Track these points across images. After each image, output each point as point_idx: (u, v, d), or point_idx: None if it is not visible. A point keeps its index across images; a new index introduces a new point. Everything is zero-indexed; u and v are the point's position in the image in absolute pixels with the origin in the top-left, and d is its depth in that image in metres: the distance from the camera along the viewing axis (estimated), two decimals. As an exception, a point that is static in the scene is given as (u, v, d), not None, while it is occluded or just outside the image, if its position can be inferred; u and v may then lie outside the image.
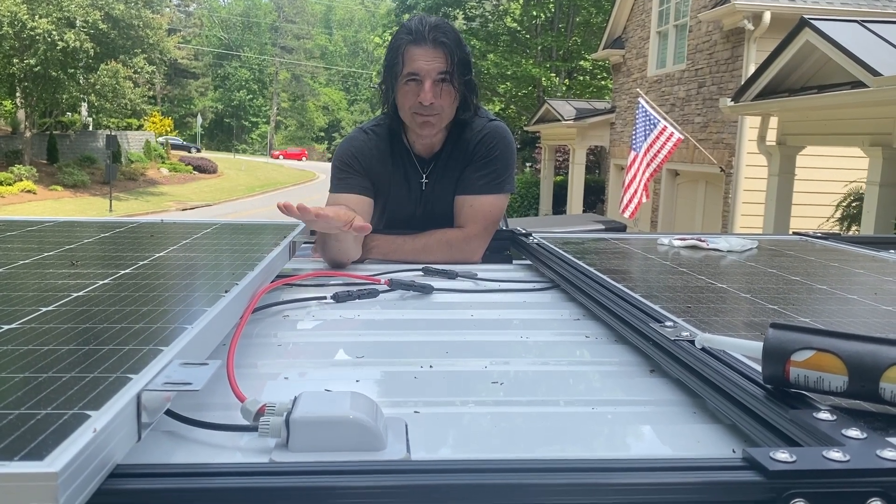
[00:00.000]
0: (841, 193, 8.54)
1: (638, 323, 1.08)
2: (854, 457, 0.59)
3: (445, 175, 2.07)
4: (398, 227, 2.12)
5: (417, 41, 1.90)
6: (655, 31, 13.86)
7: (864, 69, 5.79)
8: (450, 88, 1.93)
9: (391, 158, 2.08)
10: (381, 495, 0.57)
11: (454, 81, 1.92)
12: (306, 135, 67.43)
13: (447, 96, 1.93)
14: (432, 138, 2.04)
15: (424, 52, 1.89)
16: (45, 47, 23.28)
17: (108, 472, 0.54)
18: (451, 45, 1.90)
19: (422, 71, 1.90)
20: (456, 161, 2.06)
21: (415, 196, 2.11)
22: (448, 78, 1.91)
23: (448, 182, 2.07)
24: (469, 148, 2.04)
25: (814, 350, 0.72)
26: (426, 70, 1.90)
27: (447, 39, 1.90)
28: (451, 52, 1.90)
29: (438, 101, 1.92)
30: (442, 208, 2.08)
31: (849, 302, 1.24)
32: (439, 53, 1.89)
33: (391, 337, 1.20)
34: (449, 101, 1.94)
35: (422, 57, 1.89)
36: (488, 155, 2.03)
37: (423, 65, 1.89)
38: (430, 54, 1.89)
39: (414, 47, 1.90)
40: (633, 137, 10.70)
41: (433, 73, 1.90)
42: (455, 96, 1.96)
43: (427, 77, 1.90)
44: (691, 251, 1.82)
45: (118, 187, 26.20)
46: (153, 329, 0.81)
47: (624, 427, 0.85)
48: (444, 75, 1.90)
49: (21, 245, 1.42)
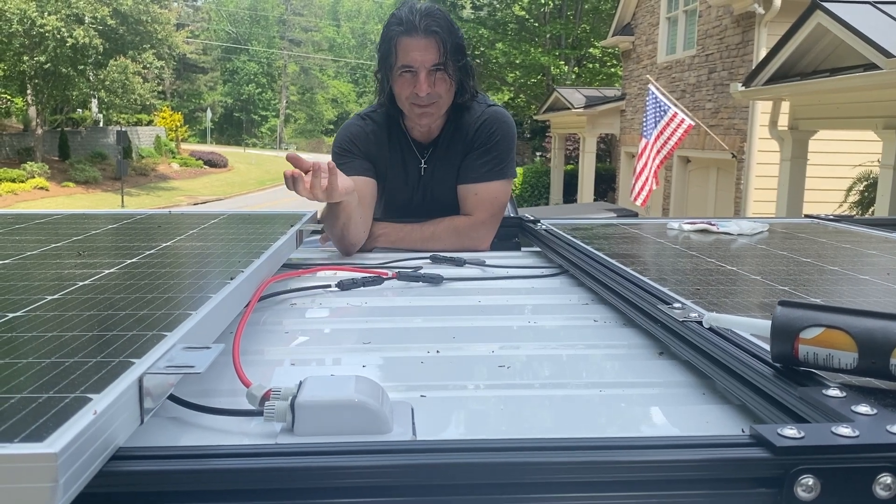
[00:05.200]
0: (852, 178, 8.46)
1: (646, 305, 1.07)
2: (863, 432, 0.58)
3: (445, 160, 2.07)
4: (396, 212, 2.12)
5: (409, 32, 1.89)
6: (665, 16, 13.75)
7: (877, 51, 5.72)
8: (445, 76, 1.92)
9: (388, 143, 2.08)
10: (386, 475, 0.56)
11: (448, 69, 1.92)
12: (316, 128, 67.45)
13: (443, 85, 1.93)
14: (431, 126, 2.04)
15: (417, 43, 1.88)
16: (54, 44, 23.38)
17: (109, 455, 0.54)
18: (443, 33, 1.89)
19: (416, 63, 1.89)
20: (456, 146, 2.06)
21: (413, 181, 2.11)
22: (443, 67, 1.90)
23: (448, 167, 2.07)
24: (469, 133, 2.04)
25: (823, 327, 0.71)
26: (420, 61, 1.89)
27: (439, 28, 1.89)
28: (443, 40, 1.89)
29: (435, 91, 1.92)
30: (441, 193, 2.08)
31: (861, 282, 1.22)
32: (432, 43, 1.88)
33: (398, 323, 1.20)
34: (445, 89, 1.94)
35: (415, 48, 1.88)
36: (489, 141, 2.03)
37: (417, 56, 1.89)
38: (423, 45, 1.88)
39: (406, 38, 1.89)
40: (644, 125, 10.64)
41: (427, 63, 1.89)
42: (451, 84, 1.95)
43: (421, 68, 1.89)
44: (701, 235, 1.81)
45: (129, 183, 26.32)
46: (157, 315, 0.81)
47: (633, 409, 0.84)
48: (438, 66, 1.90)
49: (30, 237, 1.42)
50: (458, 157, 2.06)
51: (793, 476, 0.56)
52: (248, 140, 60.64)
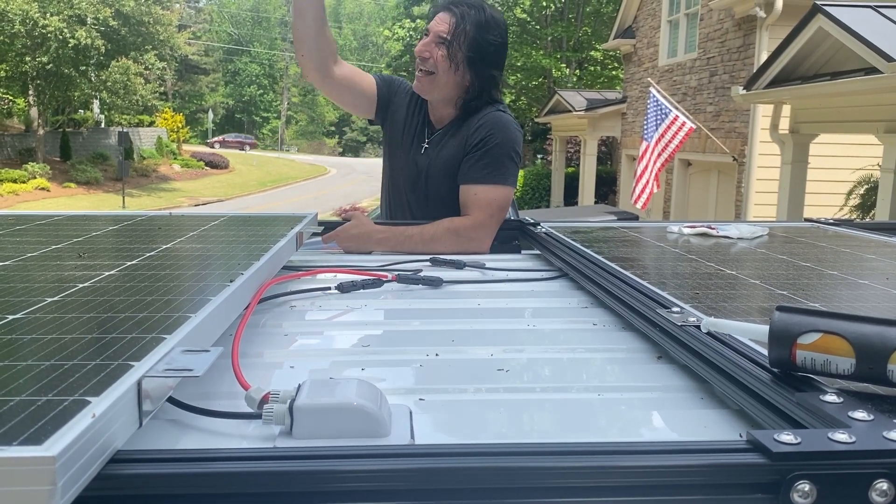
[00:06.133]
0: (853, 182, 8.46)
1: (645, 309, 1.07)
2: (860, 438, 0.58)
3: (443, 148, 2.13)
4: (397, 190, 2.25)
5: (442, 6, 2.11)
6: (666, 19, 13.75)
7: (878, 55, 5.72)
8: (446, 53, 2.04)
9: (412, 110, 2.24)
10: (384, 478, 0.56)
11: (452, 48, 2.04)
12: (317, 129, 67.48)
13: (442, 59, 2.05)
14: (429, 100, 2.17)
15: (440, 15, 2.09)
16: (56, 45, 23.41)
17: (108, 458, 0.55)
18: (464, 19, 2.04)
19: (430, 29, 2.09)
20: (455, 139, 2.11)
21: (413, 157, 2.19)
22: (446, 43, 2.04)
23: (442, 153, 2.13)
24: (469, 130, 2.09)
25: (820, 332, 0.71)
26: (433, 29, 2.08)
27: (461, 11, 2.05)
28: (459, 22, 2.04)
29: (432, 58, 2.05)
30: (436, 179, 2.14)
31: (860, 287, 1.22)
32: (447, 18, 2.06)
33: (397, 326, 1.20)
34: (443, 64, 2.05)
35: (435, 18, 2.10)
36: (485, 143, 2.05)
37: (434, 24, 2.08)
38: (441, 17, 2.08)
39: (437, 10, 2.12)
40: (645, 127, 10.64)
41: (437, 31, 2.06)
42: (450, 64, 2.05)
43: (431, 33, 2.07)
44: (701, 239, 1.81)
45: (131, 183, 26.33)
46: (157, 318, 0.81)
47: (631, 413, 0.84)
48: (443, 39, 2.04)
49: (31, 238, 1.43)
50: (456, 150, 2.10)
51: (789, 482, 0.56)
52: (249, 141, 60.51)
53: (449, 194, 2.10)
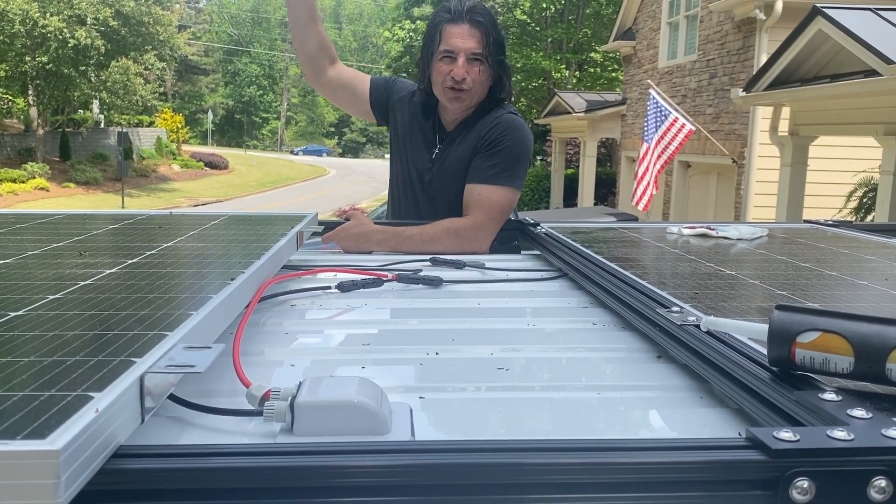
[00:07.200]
0: (852, 184, 8.47)
1: (645, 309, 1.08)
2: (858, 436, 0.59)
3: (455, 151, 2.12)
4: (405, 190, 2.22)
5: (455, 20, 2.01)
6: (666, 21, 13.76)
7: (877, 57, 5.73)
8: (482, 67, 2.02)
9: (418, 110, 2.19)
10: (384, 474, 0.57)
11: (488, 60, 2.02)
12: (317, 130, 67.49)
13: (479, 74, 2.02)
14: (460, 114, 2.12)
15: (461, 31, 2.01)
16: (56, 45, 23.42)
17: (110, 453, 0.55)
18: (487, 25, 2.01)
19: (456, 48, 2.00)
20: (467, 141, 2.10)
21: (423, 158, 2.17)
22: (481, 57, 2.01)
23: (454, 154, 2.11)
24: (481, 132, 2.08)
25: (819, 331, 0.71)
26: (461, 47, 2.00)
27: (483, 20, 2.01)
28: (486, 32, 2.01)
29: (470, 77, 2.00)
30: (445, 183, 2.13)
31: (859, 287, 1.23)
32: (475, 32, 2.01)
33: (397, 325, 1.21)
34: (480, 79, 2.03)
35: (458, 35, 2.01)
36: (497, 144, 2.04)
37: (459, 42, 2.00)
38: (466, 33, 2.01)
39: (451, 26, 2.02)
40: (645, 129, 10.64)
41: (467, 50, 2.00)
42: (488, 75, 2.04)
43: (461, 53, 2.00)
44: (701, 239, 1.81)
45: (130, 184, 26.33)
46: (158, 315, 0.82)
47: (631, 412, 0.84)
48: (477, 55, 2.00)
49: (31, 237, 1.43)
50: (467, 152, 2.09)
51: (788, 479, 0.56)
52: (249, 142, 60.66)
53: (458, 195, 2.09)
